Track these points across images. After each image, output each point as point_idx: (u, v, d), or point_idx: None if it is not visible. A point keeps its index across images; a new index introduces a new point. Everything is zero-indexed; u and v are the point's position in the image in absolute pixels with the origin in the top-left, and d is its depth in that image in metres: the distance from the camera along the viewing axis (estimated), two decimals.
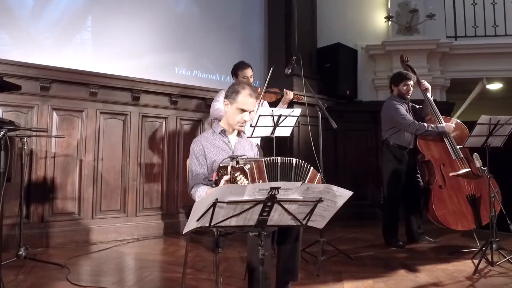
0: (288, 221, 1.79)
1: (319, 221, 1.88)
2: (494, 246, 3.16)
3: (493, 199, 3.26)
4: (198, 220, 1.65)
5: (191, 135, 4.53)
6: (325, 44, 5.58)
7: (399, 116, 3.78)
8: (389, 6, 5.66)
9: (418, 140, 3.83)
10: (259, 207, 1.67)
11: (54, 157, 3.70)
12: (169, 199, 4.32)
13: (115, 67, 4.25)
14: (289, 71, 3.69)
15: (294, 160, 2.05)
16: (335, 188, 1.71)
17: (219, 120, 3.55)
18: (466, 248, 3.63)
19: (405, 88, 3.90)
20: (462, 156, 3.75)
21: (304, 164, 2.07)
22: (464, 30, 5.87)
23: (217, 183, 2.16)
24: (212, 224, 1.69)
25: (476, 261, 3.11)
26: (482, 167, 3.26)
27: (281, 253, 2.18)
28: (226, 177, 2.04)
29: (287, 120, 3.54)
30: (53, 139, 3.68)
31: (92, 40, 4.29)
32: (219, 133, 2.42)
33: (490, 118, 3.27)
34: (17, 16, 3.90)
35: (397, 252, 3.69)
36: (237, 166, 2.02)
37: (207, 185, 2.29)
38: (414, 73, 4.02)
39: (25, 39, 3.90)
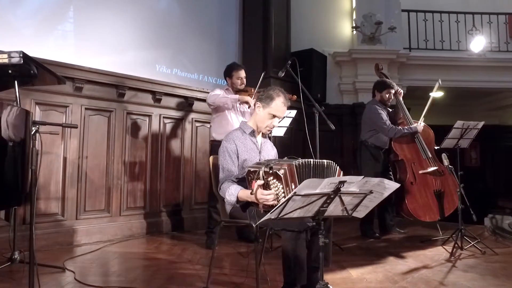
0: (338, 212, 1.95)
1: (361, 211, 2.06)
2: (461, 233, 3.61)
3: (459, 192, 3.71)
4: (272, 212, 1.75)
5: (173, 133, 4.51)
6: (295, 49, 5.83)
7: (380, 121, 4.11)
8: (354, 17, 6.08)
9: (393, 142, 4.20)
10: (322, 199, 1.81)
11: (38, 154, 3.48)
12: (152, 198, 4.25)
13: (97, 61, 4.09)
14: (283, 74, 3.85)
15: (325, 161, 2.21)
16: (386, 181, 1.90)
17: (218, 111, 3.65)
18: (432, 237, 4.07)
19: (387, 95, 4.24)
20: (430, 155, 4.18)
21: (333, 165, 2.23)
22: (417, 43, 6.47)
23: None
24: (279, 216, 1.80)
25: (446, 247, 3.61)
26: (449, 166, 3.68)
27: (316, 242, 2.31)
28: (259, 182, 2.10)
29: (283, 121, 3.71)
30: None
31: (74, 32, 4.11)
32: (249, 133, 2.51)
33: (463, 123, 3.72)
34: None
35: (376, 242, 4.04)
36: (271, 171, 2.07)
37: (238, 184, 2.33)
38: (388, 79, 4.40)
39: (3, 26, 3.64)
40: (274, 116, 2.44)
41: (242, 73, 3.88)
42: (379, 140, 4.23)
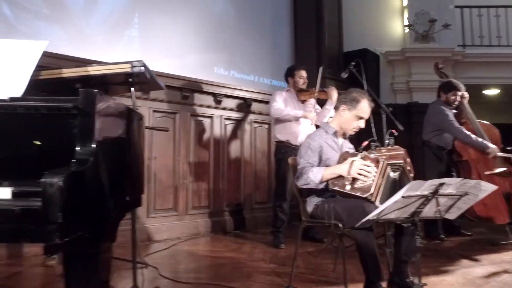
0: (431, 213, 1.96)
1: (454, 213, 2.07)
2: None
3: None
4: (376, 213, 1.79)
5: (233, 134, 4.61)
6: (347, 49, 5.83)
7: (448, 121, 4.03)
8: (406, 15, 6.00)
9: (456, 142, 4.11)
10: (420, 201, 1.84)
11: None
12: (215, 197, 4.36)
13: (160, 65, 4.21)
14: (346, 75, 3.86)
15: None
16: (483, 183, 1.90)
17: (281, 120, 3.72)
18: (502, 241, 3.96)
19: (453, 97, 4.14)
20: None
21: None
22: (471, 39, 6.31)
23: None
24: (379, 216, 1.84)
25: None
26: None
27: (402, 241, 2.31)
28: (359, 156, 2.19)
29: None
30: None
31: (139, 37, 4.28)
32: (332, 134, 2.55)
33: None
34: (71, 11, 3.84)
35: (442, 244, 3.97)
36: (372, 155, 2.16)
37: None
38: (454, 81, 4.30)
39: (78, 34, 3.85)
40: (360, 118, 2.48)
41: (304, 73, 3.94)
42: (442, 140, 4.16)
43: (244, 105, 4.70)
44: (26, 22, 3.56)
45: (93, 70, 1.64)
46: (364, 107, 2.45)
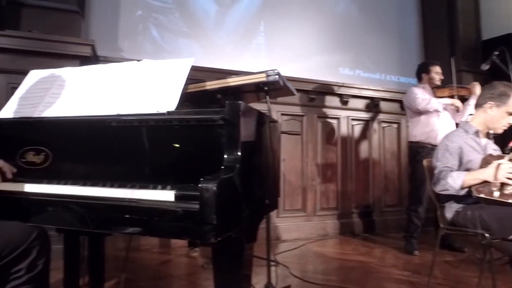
0: None
1: None
2: None
3: None
4: None
5: (361, 135, 4.50)
6: (487, 36, 5.19)
7: None
8: None
9: None
10: None
11: None
12: (343, 199, 4.32)
13: (285, 69, 4.32)
14: (487, 67, 3.47)
15: None
16: None
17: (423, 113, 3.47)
18: None
19: None
20: None
21: None
22: None
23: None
24: None
25: None
26: None
27: None
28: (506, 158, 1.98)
29: None
30: None
31: (265, 44, 4.46)
32: (473, 133, 2.33)
33: None
34: (204, 26, 4.20)
35: None
36: None
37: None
38: None
39: (210, 46, 4.18)
40: (511, 114, 2.22)
41: (439, 68, 3.68)
42: None
43: (372, 105, 4.56)
44: (169, 41, 4.02)
45: (233, 81, 1.79)
46: None
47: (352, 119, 4.46)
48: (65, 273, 1.81)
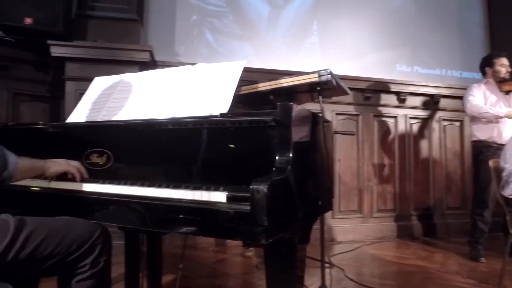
0: None
1: None
2: None
3: None
4: None
5: (420, 134, 4.31)
6: None
7: None
8: None
9: None
10: None
11: None
12: (401, 200, 4.16)
13: (339, 68, 4.24)
14: None
15: None
16: None
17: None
18: None
19: None
20: None
21: None
22: None
23: None
24: None
25: None
26: None
27: None
28: None
29: None
30: None
31: (319, 43, 4.41)
32: None
33: None
34: (257, 28, 4.24)
35: None
36: None
37: None
38: None
39: (264, 47, 4.21)
40: None
41: (506, 60, 3.42)
42: None
43: (431, 102, 4.35)
44: (223, 43, 4.10)
45: (285, 82, 1.79)
46: None
47: (410, 118, 4.28)
48: (126, 268, 1.91)
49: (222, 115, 1.39)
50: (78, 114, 1.81)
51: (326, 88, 1.88)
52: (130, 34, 3.39)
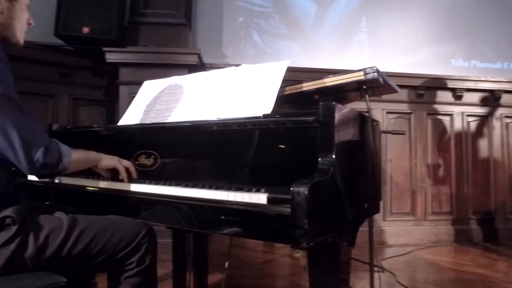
0: None
1: None
2: None
3: None
4: None
5: (479, 132, 4.06)
6: None
7: None
8: None
9: None
10: None
11: None
12: (458, 203, 3.93)
13: (390, 64, 4.10)
14: None
15: None
16: None
17: None
18: None
19: None
20: None
21: None
22: None
23: None
24: None
25: None
26: None
27: None
28: None
29: None
30: None
31: (368, 40, 4.29)
32: None
33: None
34: (303, 26, 4.20)
35: None
36: None
37: None
38: None
39: (311, 46, 4.17)
40: None
41: None
42: None
43: (491, 99, 4.07)
44: (270, 44, 4.11)
45: (329, 81, 1.74)
46: None
47: (468, 115, 4.04)
48: (173, 266, 1.96)
49: (265, 116, 1.38)
50: (129, 117, 1.89)
51: (373, 86, 1.81)
52: (179, 38, 3.49)
